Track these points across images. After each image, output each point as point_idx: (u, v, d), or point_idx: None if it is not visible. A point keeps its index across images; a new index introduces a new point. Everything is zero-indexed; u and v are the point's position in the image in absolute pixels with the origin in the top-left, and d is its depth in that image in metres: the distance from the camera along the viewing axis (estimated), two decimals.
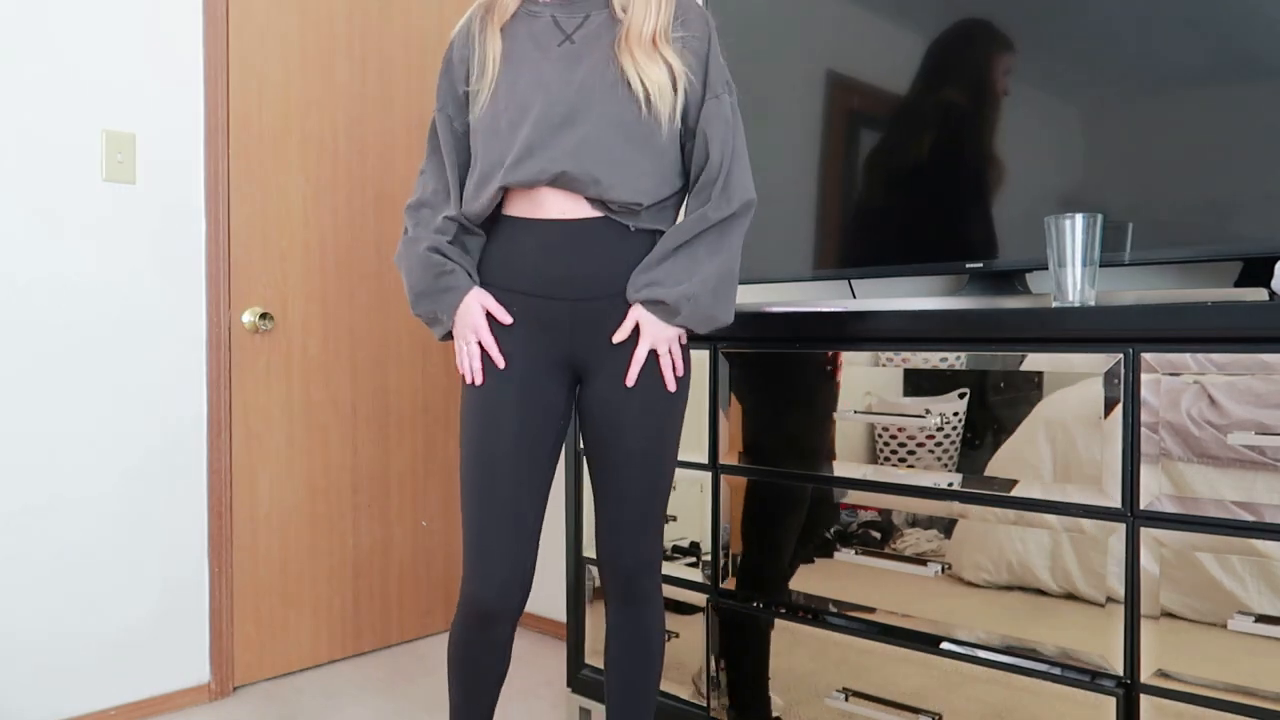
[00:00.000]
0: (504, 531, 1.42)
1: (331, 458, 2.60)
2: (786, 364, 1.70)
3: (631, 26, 1.40)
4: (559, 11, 1.46)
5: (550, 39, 1.44)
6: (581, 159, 1.39)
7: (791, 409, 1.69)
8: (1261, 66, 1.42)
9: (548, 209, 1.44)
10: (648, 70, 1.39)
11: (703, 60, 1.45)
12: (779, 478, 1.72)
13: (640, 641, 1.55)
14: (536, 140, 1.40)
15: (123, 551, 2.21)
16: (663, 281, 1.41)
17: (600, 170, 1.39)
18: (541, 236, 1.44)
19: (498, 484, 1.42)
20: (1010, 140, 1.68)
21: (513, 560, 1.43)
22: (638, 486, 1.47)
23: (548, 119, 1.39)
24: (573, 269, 1.43)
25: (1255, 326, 1.20)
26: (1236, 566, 1.23)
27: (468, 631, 1.47)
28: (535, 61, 1.43)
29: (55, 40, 2.10)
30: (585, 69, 1.41)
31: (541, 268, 1.44)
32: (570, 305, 1.44)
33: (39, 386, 2.08)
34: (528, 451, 1.44)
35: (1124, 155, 1.56)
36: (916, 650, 1.52)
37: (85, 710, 2.16)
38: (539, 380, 1.45)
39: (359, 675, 2.53)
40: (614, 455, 1.46)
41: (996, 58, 1.70)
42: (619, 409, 1.44)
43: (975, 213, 1.72)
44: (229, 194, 2.37)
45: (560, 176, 1.40)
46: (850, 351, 1.61)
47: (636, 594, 1.53)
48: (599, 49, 1.42)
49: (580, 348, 1.45)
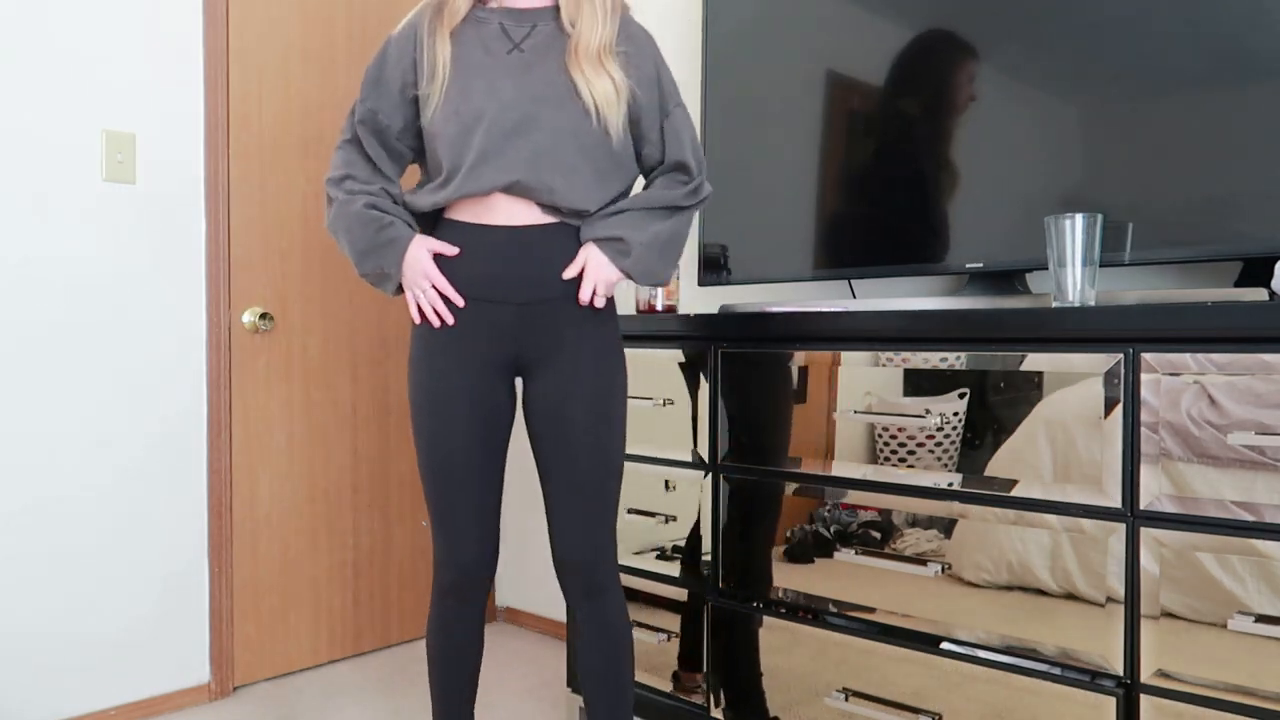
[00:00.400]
0: (468, 521, 1.53)
1: (331, 458, 2.60)
2: (786, 364, 1.70)
3: (580, 40, 1.45)
4: (507, 20, 1.51)
5: (499, 46, 1.49)
6: (535, 167, 1.44)
7: (791, 409, 1.69)
8: (1261, 66, 1.42)
9: (498, 215, 1.48)
10: (595, 83, 1.44)
11: (655, 75, 1.53)
12: (779, 478, 1.72)
13: (609, 636, 1.56)
14: (491, 148, 1.44)
15: (123, 551, 2.21)
16: (622, 225, 1.49)
17: (554, 179, 1.45)
18: (490, 242, 1.49)
19: (456, 480, 1.51)
20: (1010, 140, 1.68)
21: (478, 544, 1.54)
22: (591, 476, 1.50)
23: (500, 126, 1.44)
24: (521, 273, 1.48)
25: (1255, 326, 1.20)
26: (1236, 566, 1.23)
27: (444, 612, 1.58)
28: (487, 68, 1.47)
29: (55, 40, 2.10)
30: (536, 78, 1.46)
31: (490, 272, 1.48)
32: (516, 308, 1.49)
33: (39, 386, 2.08)
34: (480, 446, 1.52)
35: (1124, 155, 1.56)
36: (916, 650, 1.52)
37: (85, 710, 2.16)
38: (485, 379, 1.51)
39: (359, 675, 2.53)
40: (565, 447, 1.50)
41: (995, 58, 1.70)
42: (568, 402, 1.49)
43: (975, 212, 1.72)
44: (229, 194, 2.37)
45: (514, 185, 1.45)
46: (850, 351, 1.61)
47: (596, 587, 1.54)
48: (549, 59, 1.47)
49: (526, 348, 1.51)
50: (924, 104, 1.80)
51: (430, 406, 1.51)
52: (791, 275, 1.99)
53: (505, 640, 2.81)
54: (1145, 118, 1.53)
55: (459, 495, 1.52)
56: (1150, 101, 1.53)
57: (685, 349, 1.86)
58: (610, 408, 1.52)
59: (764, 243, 2.03)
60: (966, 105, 1.74)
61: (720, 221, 2.10)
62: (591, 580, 1.53)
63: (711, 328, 1.80)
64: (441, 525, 1.54)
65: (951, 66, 1.76)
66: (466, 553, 1.54)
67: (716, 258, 2.11)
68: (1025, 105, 1.66)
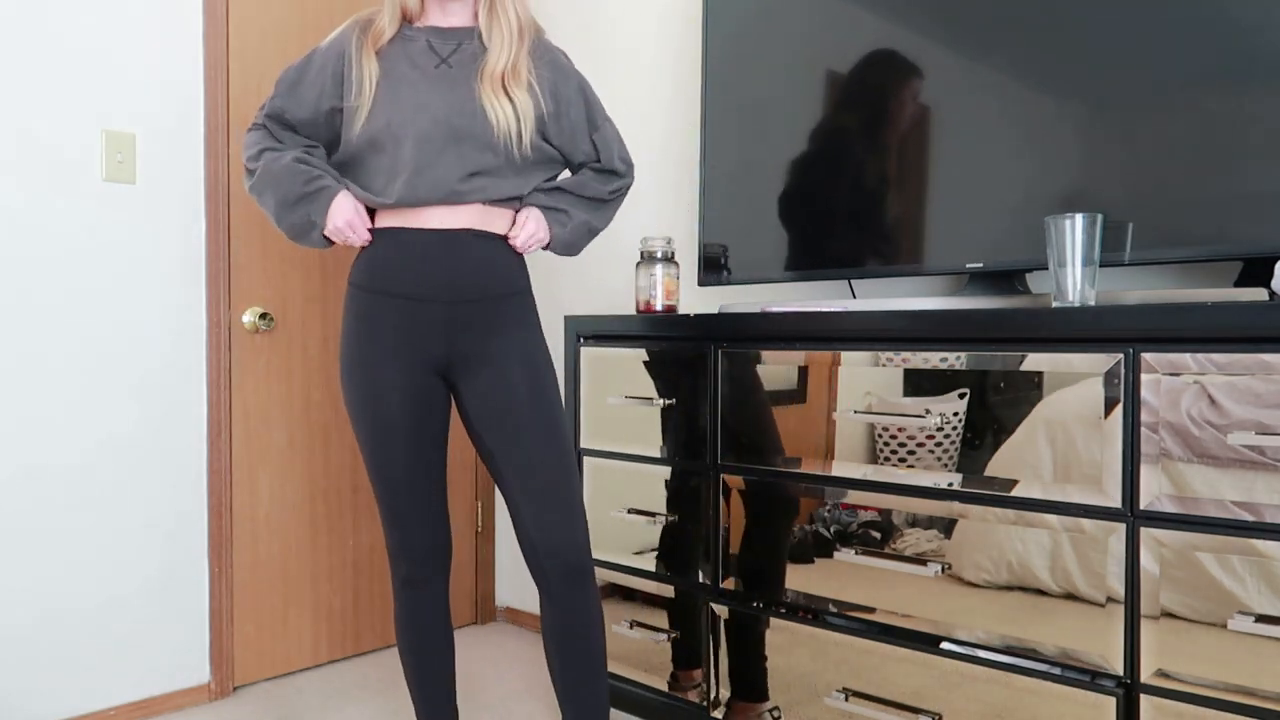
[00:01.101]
0: (415, 517, 1.62)
1: (331, 458, 2.60)
2: (786, 364, 1.70)
3: (486, 63, 1.55)
4: (433, 37, 1.59)
5: (426, 61, 1.56)
6: (467, 177, 1.53)
7: (792, 409, 1.69)
8: (1262, 66, 1.42)
9: (427, 220, 1.55)
10: (496, 105, 1.53)
11: (581, 96, 1.65)
12: (779, 478, 1.72)
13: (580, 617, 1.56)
14: (424, 160, 1.51)
15: (122, 551, 2.21)
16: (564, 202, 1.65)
17: (484, 185, 1.54)
18: (420, 245, 1.55)
19: (400, 480, 1.59)
20: (1011, 139, 1.68)
21: (429, 536, 1.63)
22: (543, 456, 1.54)
23: (431, 139, 1.51)
24: (451, 275, 1.55)
25: (1255, 326, 1.20)
26: (1236, 566, 1.23)
27: (407, 604, 1.65)
28: (414, 82, 1.54)
29: (55, 40, 2.10)
30: (461, 93, 1.54)
31: (421, 274, 1.55)
32: (446, 307, 1.56)
33: (38, 386, 2.08)
34: (419, 445, 1.59)
35: (1124, 155, 1.56)
36: (916, 650, 1.53)
37: (85, 710, 2.16)
38: (417, 377, 1.57)
39: (359, 675, 2.53)
40: (515, 440, 1.54)
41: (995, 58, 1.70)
42: (507, 391, 1.55)
43: (976, 212, 1.72)
44: (229, 194, 2.37)
45: (449, 195, 1.53)
46: (850, 351, 1.61)
47: (579, 568, 1.56)
48: (472, 75, 1.56)
49: (457, 346, 1.57)
50: (924, 104, 1.80)
51: (367, 411, 1.57)
52: (792, 275, 2.00)
53: (505, 640, 2.81)
54: (1145, 118, 1.54)
55: (404, 494, 1.60)
56: (1150, 101, 1.53)
57: (685, 349, 1.86)
58: (549, 393, 1.58)
59: (764, 243, 2.03)
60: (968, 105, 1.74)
61: (720, 221, 2.10)
62: (572, 562, 1.55)
63: (711, 328, 1.80)
64: (391, 522, 1.62)
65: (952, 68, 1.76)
66: (418, 545, 1.62)
67: (716, 258, 2.11)
68: (1025, 105, 1.66)
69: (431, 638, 1.66)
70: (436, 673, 1.66)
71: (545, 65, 1.61)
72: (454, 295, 1.56)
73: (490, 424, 1.56)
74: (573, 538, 1.56)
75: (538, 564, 1.57)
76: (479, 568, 2.95)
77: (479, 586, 2.96)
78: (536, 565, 1.57)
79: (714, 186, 2.12)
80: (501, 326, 1.58)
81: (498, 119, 1.52)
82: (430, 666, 1.66)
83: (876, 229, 1.86)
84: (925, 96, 1.79)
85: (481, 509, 2.95)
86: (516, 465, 1.55)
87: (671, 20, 2.50)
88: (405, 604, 1.66)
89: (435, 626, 1.66)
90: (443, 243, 1.55)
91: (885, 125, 1.85)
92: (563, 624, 1.58)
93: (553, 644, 1.60)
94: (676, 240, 2.48)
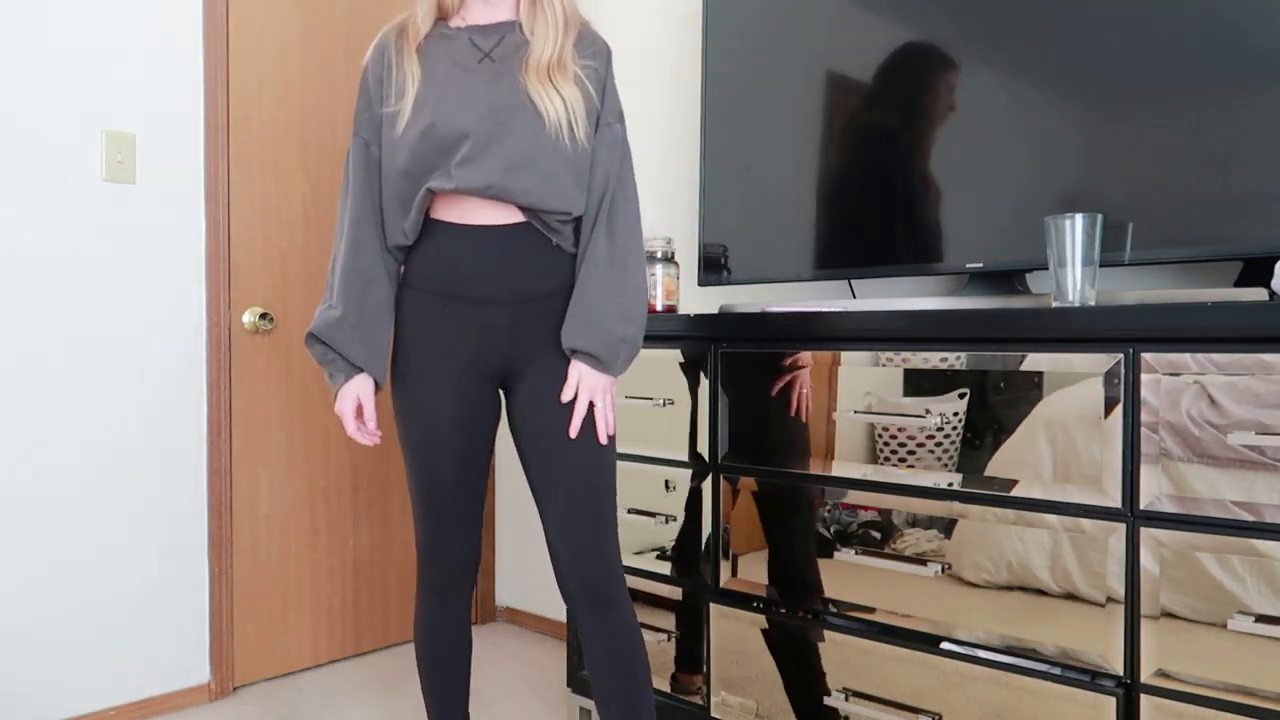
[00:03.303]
0: (450, 524, 1.55)
1: (331, 458, 2.60)
2: (786, 364, 1.70)
3: (531, 54, 1.48)
4: (475, 35, 1.52)
5: (469, 57, 1.50)
6: (513, 172, 1.45)
7: (791, 409, 1.69)
8: (1262, 66, 1.42)
9: (480, 216, 1.49)
10: (543, 96, 1.46)
11: (601, 89, 1.53)
12: (778, 478, 1.72)
13: (617, 650, 1.50)
14: (469, 155, 1.44)
15: (122, 551, 2.21)
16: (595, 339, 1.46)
17: (530, 182, 1.45)
18: (478, 241, 1.49)
19: (440, 487, 1.53)
20: (1011, 140, 1.68)
21: (461, 543, 1.57)
22: (581, 485, 1.48)
23: (477, 134, 1.44)
24: (512, 272, 1.49)
25: (1255, 326, 1.20)
26: (1236, 566, 1.23)
27: (431, 611, 1.60)
28: (459, 78, 1.48)
29: (55, 40, 2.10)
30: (506, 86, 1.47)
31: (481, 272, 1.49)
32: (511, 308, 1.49)
33: (38, 386, 2.08)
34: (464, 457, 1.53)
35: (1124, 155, 1.56)
36: (916, 650, 1.52)
37: (85, 710, 2.16)
38: (469, 386, 1.51)
39: (359, 675, 2.53)
40: (553, 458, 1.48)
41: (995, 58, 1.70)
42: (552, 414, 1.48)
43: (976, 212, 1.72)
44: (229, 194, 2.37)
45: (491, 188, 1.45)
46: (850, 351, 1.61)
47: (604, 600, 1.50)
48: (517, 68, 1.49)
49: (518, 349, 1.50)
50: (924, 104, 1.79)
51: (414, 416, 1.52)
52: (791, 275, 1.99)
53: (505, 640, 2.81)
54: (1145, 117, 1.53)
55: (443, 503, 1.54)
56: (1150, 101, 1.53)
57: (685, 349, 1.86)
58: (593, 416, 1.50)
59: (764, 243, 2.03)
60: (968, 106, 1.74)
61: (720, 221, 2.10)
62: (597, 594, 1.49)
63: (711, 328, 1.80)
64: (428, 529, 1.56)
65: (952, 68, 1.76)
66: (449, 551, 1.56)
67: (716, 258, 2.11)
68: (1025, 105, 1.66)
69: (452, 647, 1.61)
70: (452, 681, 1.62)
71: (591, 56, 1.53)
72: (519, 294, 1.49)
73: (529, 445, 1.51)
74: (598, 559, 1.49)
75: (562, 582, 1.52)
76: (479, 568, 2.95)
77: (479, 586, 2.95)
78: (561, 583, 1.52)
79: (714, 186, 2.12)
80: (555, 330, 1.50)
81: (547, 111, 1.45)
82: (447, 675, 1.62)
83: (876, 228, 1.86)
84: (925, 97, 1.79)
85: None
86: (551, 494, 1.50)
87: (671, 20, 2.50)
88: (430, 611, 1.60)
89: (457, 636, 1.61)
90: (500, 238, 1.49)
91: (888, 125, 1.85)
92: (594, 656, 1.52)
93: (590, 672, 1.54)
94: (676, 240, 2.48)
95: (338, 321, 1.51)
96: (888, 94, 1.85)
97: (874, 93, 1.87)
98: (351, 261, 1.52)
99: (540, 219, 1.49)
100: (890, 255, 1.84)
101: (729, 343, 1.78)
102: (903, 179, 1.82)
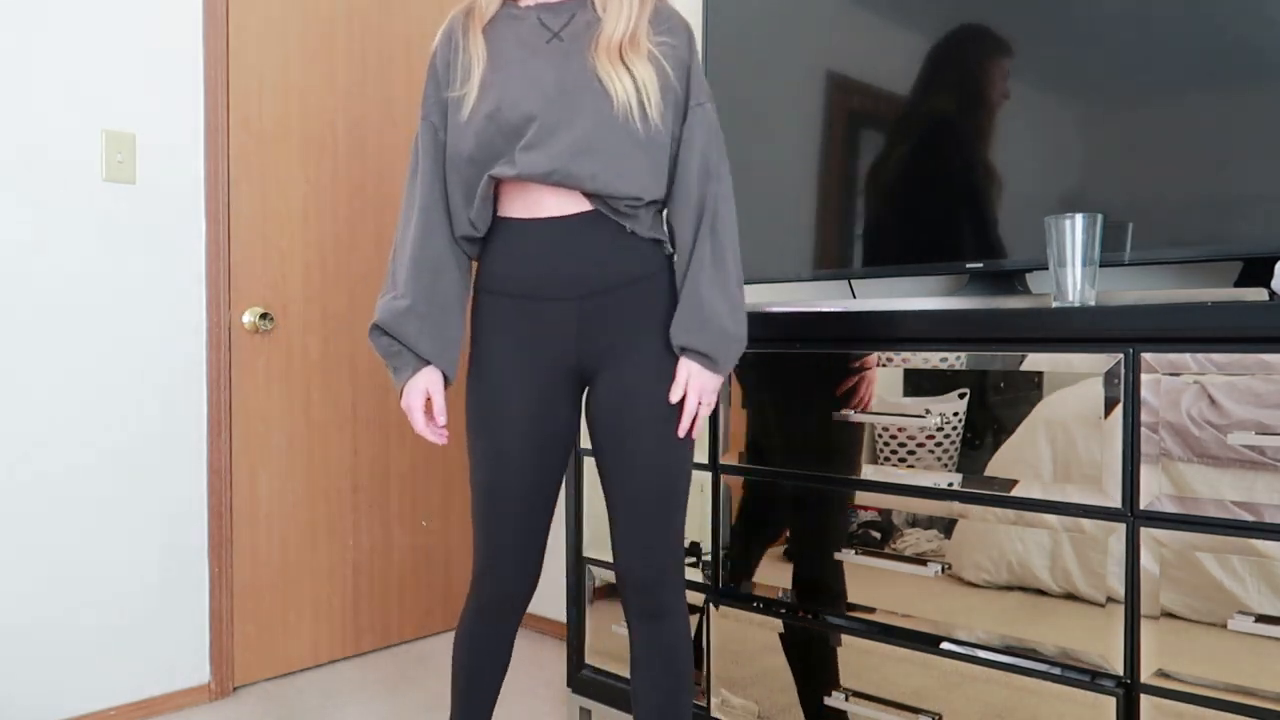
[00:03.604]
0: (513, 541, 1.46)
1: (331, 458, 2.60)
2: (787, 364, 1.70)
3: (603, 32, 1.40)
4: (544, 14, 1.46)
5: (537, 38, 1.43)
6: (579, 156, 1.38)
7: (792, 409, 1.69)
8: (1262, 66, 1.42)
9: (544, 208, 1.42)
10: (615, 75, 1.39)
11: (684, 68, 1.46)
12: (779, 478, 1.72)
13: (663, 660, 1.47)
14: (534, 139, 1.38)
15: (122, 551, 2.21)
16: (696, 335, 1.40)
17: (597, 166, 1.38)
18: (540, 236, 1.42)
19: (506, 502, 1.44)
20: (1011, 140, 1.68)
21: (520, 565, 1.47)
22: (650, 490, 1.42)
23: (543, 117, 1.38)
24: (574, 264, 1.41)
25: (1255, 326, 1.20)
26: (1236, 566, 1.23)
27: (475, 626, 1.51)
28: (524, 60, 1.42)
29: (55, 40, 2.10)
30: (575, 66, 1.40)
31: (543, 267, 1.42)
32: (576, 304, 1.42)
33: (37, 386, 2.08)
34: (534, 472, 1.45)
35: (1124, 155, 1.56)
36: (916, 650, 1.52)
37: (85, 710, 2.16)
38: (546, 395, 1.44)
39: (359, 675, 2.53)
40: (624, 459, 1.42)
41: (996, 60, 1.70)
42: (627, 411, 1.42)
43: (975, 213, 1.72)
44: (229, 194, 2.37)
45: (554, 173, 1.38)
46: (850, 351, 1.61)
47: (658, 609, 1.46)
48: (587, 47, 1.41)
49: (587, 348, 1.43)
50: (924, 105, 1.79)
51: (486, 425, 1.44)
52: (791, 275, 1.99)
53: None
54: (1145, 118, 1.53)
55: (507, 518, 1.45)
56: (1150, 101, 1.53)
57: None
58: (673, 411, 1.43)
59: (764, 243, 2.03)
60: (968, 106, 1.74)
61: None
62: (647, 601, 1.46)
63: None
64: (485, 540, 1.47)
65: (952, 69, 1.76)
66: (507, 569, 1.47)
67: None
68: (1026, 105, 1.66)
69: (491, 668, 1.53)
70: (484, 697, 1.55)
71: (668, 33, 1.45)
72: (581, 288, 1.41)
73: (603, 444, 1.45)
74: (659, 568, 1.44)
75: (619, 583, 1.48)
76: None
77: None
78: (619, 584, 1.48)
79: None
80: (632, 326, 1.43)
81: (616, 91, 1.37)
82: (481, 692, 1.54)
83: (876, 229, 1.86)
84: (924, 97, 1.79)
85: None
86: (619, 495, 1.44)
87: None
88: (476, 633, 1.51)
89: (497, 658, 1.53)
90: (563, 230, 1.41)
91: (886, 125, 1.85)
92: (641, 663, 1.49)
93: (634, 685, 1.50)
94: None
95: (405, 312, 1.44)
96: (888, 94, 1.85)
97: (874, 93, 1.87)
98: (421, 250, 1.46)
99: (609, 205, 1.41)
100: (890, 255, 1.84)
101: None
102: (902, 178, 1.82)
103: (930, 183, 1.78)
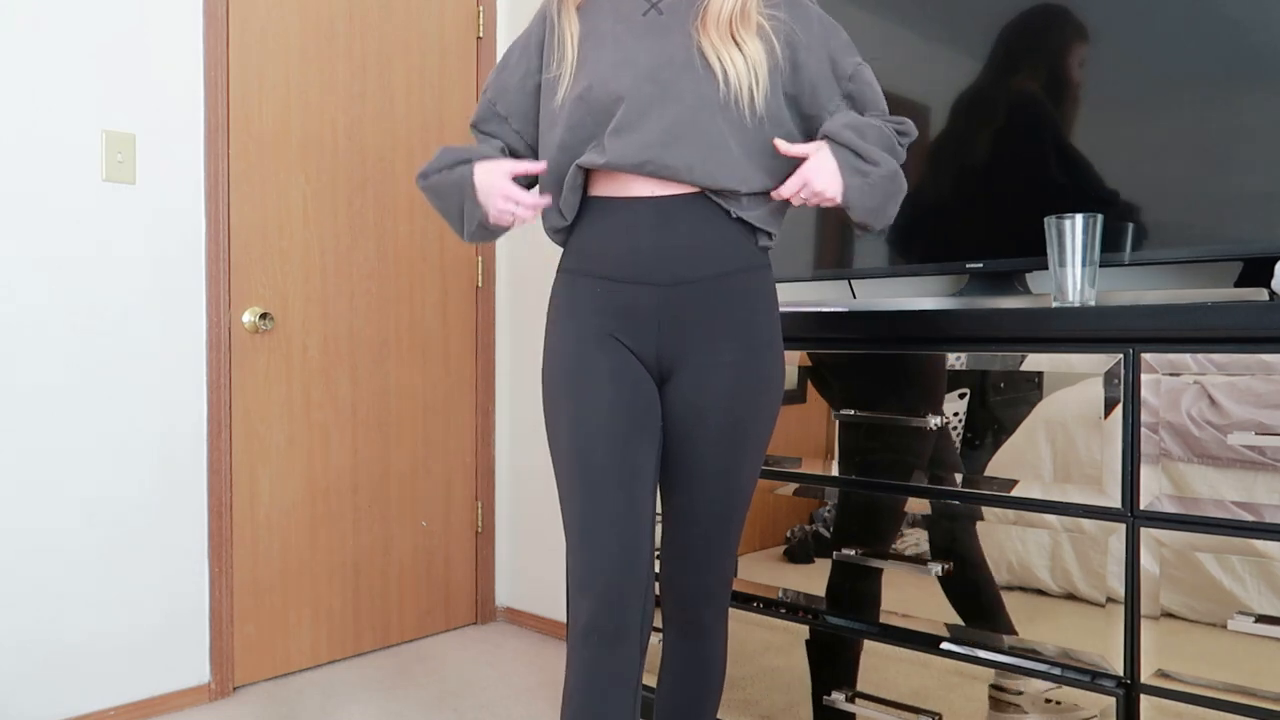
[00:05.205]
0: (611, 531, 1.25)
1: (331, 458, 2.60)
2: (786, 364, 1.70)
3: (710, 5, 1.28)
4: None
5: (633, 10, 1.32)
6: (672, 143, 1.26)
7: (792, 409, 1.69)
8: (1262, 66, 1.42)
9: (637, 188, 1.30)
10: (723, 53, 1.27)
11: (822, 39, 1.34)
12: (779, 478, 1.72)
13: (696, 674, 1.41)
14: (625, 123, 1.27)
15: (122, 552, 2.21)
16: (870, 139, 1.28)
17: (693, 155, 1.27)
18: (629, 214, 1.30)
19: (597, 473, 1.26)
20: (1010, 140, 1.68)
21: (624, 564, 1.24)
22: (710, 512, 1.33)
23: (636, 99, 1.27)
24: (664, 246, 1.29)
25: (1255, 326, 1.20)
26: (1236, 566, 1.23)
27: (587, 665, 1.23)
28: (618, 37, 1.30)
29: (55, 40, 2.10)
30: (674, 43, 1.28)
31: (630, 247, 1.29)
32: (660, 291, 1.29)
33: (37, 387, 2.08)
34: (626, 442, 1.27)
35: (1124, 155, 1.56)
36: (916, 650, 1.52)
37: (85, 710, 2.16)
38: (632, 366, 1.31)
39: (359, 675, 2.53)
40: (686, 475, 1.33)
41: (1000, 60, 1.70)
42: (696, 426, 1.30)
43: (975, 213, 1.72)
44: (229, 194, 2.37)
45: (646, 164, 1.27)
46: (849, 351, 1.61)
47: (695, 626, 1.39)
48: (688, 22, 1.30)
49: (667, 342, 1.30)
50: (923, 105, 1.79)
51: (570, 390, 1.29)
52: (791, 275, 1.99)
53: (505, 640, 2.81)
54: (1145, 117, 1.53)
55: (600, 498, 1.24)
56: (1151, 101, 1.53)
57: None
58: (747, 428, 1.31)
59: None
60: (968, 106, 1.74)
61: None
62: (689, 618, 1.39)
63: None
64: (581, 538, 1.25)
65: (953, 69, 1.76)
66: (609, 571, 1.22)
67: None
68: (1026, 106, 1.66)
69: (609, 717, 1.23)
70: None
71: (780, 5, 1.32)
72: (668, 275, 1.29)
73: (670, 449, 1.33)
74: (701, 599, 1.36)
75: (662, 598, 1.41)
76: (479, 568, 2.95)
77: (479, 586, 2.96)
78: (661, 598, 1.41)
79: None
80: (715, 322, 1.30)
81: (726, 71, 1.25)
82: None
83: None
84: (925, 97, 1.79)
85: (481, 509, 2.95)
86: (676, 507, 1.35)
87: None
88: (584, 666, 1.23)
89: (618, 707, 1.22)
90: (654, 210, 1.29)
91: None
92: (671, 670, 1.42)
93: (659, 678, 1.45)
94: None
95: (452, 149, 1.35)
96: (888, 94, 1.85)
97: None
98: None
99: (709, 189, 1.30)
100: (890, 255, 1.84)
101: None
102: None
103: (930, 182, 1.78)
